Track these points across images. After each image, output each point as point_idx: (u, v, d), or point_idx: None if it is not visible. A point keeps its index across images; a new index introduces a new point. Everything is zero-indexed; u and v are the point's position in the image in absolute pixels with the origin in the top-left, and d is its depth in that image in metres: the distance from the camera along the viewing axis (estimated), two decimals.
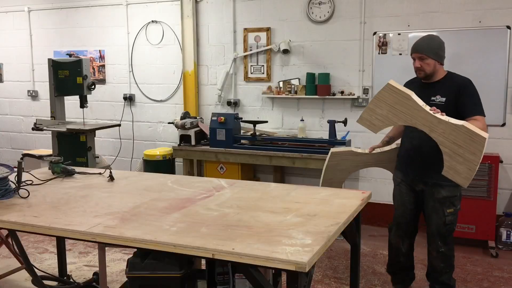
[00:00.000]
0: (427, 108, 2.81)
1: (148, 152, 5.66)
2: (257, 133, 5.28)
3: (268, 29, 5.52)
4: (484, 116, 3.03)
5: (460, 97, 3.08)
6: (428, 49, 3.10)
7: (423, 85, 3.25)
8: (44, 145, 6.75)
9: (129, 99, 6.32)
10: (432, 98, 3.13)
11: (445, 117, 2.77)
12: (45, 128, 5.40)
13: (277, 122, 5.63)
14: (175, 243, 1.96)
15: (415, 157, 3.23)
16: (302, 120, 5.39)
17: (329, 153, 3.46)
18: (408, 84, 3.34)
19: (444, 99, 3.11)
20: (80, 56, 6.25)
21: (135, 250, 2.25)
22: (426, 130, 2.82)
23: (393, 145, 3.48)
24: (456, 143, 2.71)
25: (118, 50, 6.35)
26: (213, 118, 5.31)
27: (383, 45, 5.04)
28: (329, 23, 5.25)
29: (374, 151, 3.41)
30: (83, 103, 5.34)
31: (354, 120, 5.12)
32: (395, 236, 3.50)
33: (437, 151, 2.87)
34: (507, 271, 4.06)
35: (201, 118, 5.82)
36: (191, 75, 5.89)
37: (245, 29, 5.63)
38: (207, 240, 1.97)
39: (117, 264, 4.14)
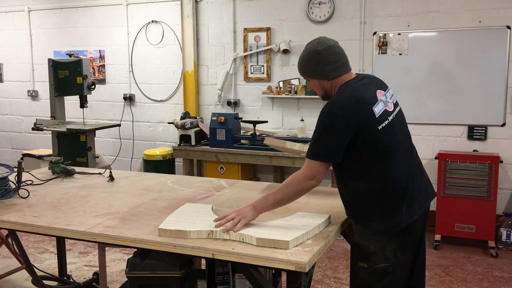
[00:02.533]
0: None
1: (148, 152, 5.66)
2: (257, 133, 5.28)
3: (268, 29, 5.52)
4: (312, 159, 2.08)
5: None
6: (303, 70, 2.31)
7: None
8: (44, 145, 6.75)
9: (129, 99, 6.32)
10: None
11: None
12: (45, 128, 5.40)
13: (277, 122, 5.63)
14: (175, 243, 1.96)
15: (340, 190, 2.34)
16: (302, 120, 5.39)
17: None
18: None
19: None
20: (80, 56, 6.26)
21: (135, 250, 2.24)
22: None
23: None
24: None
25: (118, 50, 6.35)
26: (213, 118, 5.31)
27: (383, 45, 5.04)
28: (329, 23, 5.25)
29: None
30: (83, 103, 5.34)
31: None
32: None
33: (347, 196, 2.22)
34: (507, 271, 4.06)
35: (201, 118, 5.82)
36: (191, 75, 5.89)
37: (245, 29, 5.63)
38: (207, 240, 1.98)
39: (117, 264, 4.14)
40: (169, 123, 5.97)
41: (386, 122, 2.12)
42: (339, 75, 2.20)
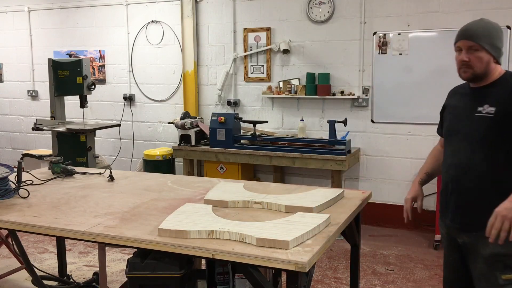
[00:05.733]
0: None
1: (148, 152, 5.66)
2: (257, 133, 5.28)
3: (268, 29, 5.52)
4: None
5: None
6: (484, 37, 2.07)
7: (470, 92, 2.23)
8: (44, 145, 6.75)
9: (129, 99, 6.32)
10: (479, 109, 2.13)
11: None
12: (45, 128, 5.40)
13: (277, 122, 5.63)
14: (175, 243, 1.97)
15: (453, 192, 2.18)
16: (302, 120, 5.39)
17: None
18: (450, 96, 2.45)
19: (493, 109, 2.08)
20: (80, 56, 6.26)
21: (135, 250, 2.25)
22: None
23: None
24: None
25: (118, 50, 6.35)
26: (213, 118, 5.31)
27: (383, 45, 5.04)
28: (329, 23, 5.25)
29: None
30: (83, 103, 5.34)
31: (354, 120, 5.14)
32: None
33: (491, 183, 2.05)
34: None
35: (201, 118, 5.82)
36: (191, 75, 5.89)
37: (245, 29, 5.63)
38: (207, 240, 1.98)
39: (117, 264, 4.14)
40: (169, 123, 5.97)
41: None
42: (499, 61, 2.16)
